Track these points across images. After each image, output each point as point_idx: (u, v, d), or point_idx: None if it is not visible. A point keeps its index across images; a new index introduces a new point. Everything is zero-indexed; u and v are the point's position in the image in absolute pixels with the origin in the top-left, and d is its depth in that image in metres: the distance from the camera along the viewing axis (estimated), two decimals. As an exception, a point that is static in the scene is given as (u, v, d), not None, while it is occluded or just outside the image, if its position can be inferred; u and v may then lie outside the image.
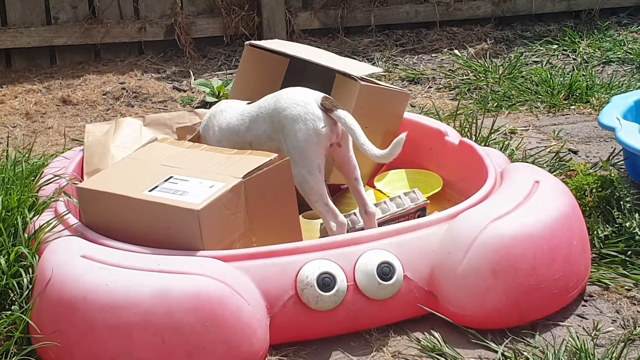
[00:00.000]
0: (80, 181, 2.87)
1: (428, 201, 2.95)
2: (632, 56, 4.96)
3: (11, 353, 2.27)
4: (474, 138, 3.57)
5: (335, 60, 3.28)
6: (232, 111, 2.92)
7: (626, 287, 2.67)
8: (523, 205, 2.55)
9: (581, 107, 4.26)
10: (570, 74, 4.65)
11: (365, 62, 5.07)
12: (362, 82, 2.97)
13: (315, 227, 2.87)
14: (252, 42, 3.18)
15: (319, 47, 5.30)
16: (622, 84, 4.45)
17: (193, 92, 4.71)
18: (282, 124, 2.71)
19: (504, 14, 5.66)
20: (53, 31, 5.10)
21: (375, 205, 2.86)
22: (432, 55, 5.25)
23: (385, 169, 3.29)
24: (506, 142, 3.68)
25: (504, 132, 3.94)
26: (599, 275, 2.72)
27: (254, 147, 2.77)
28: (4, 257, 2.44)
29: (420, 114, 3.90)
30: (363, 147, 2.62)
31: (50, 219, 2.56)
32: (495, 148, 3.37)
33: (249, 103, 2.91)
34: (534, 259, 2.44)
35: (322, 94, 2.73)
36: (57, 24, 5.12)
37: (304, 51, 3.30)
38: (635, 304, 2.59)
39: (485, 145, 3.45)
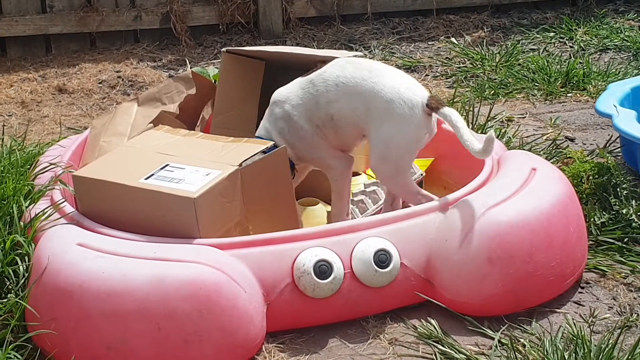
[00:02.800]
0: (76, 169, 2.86)
1: (424, 173, 2.97)
2: (628, 44, 4.95)
3: (7, 341, 2.27)
4: (471, 126, 3.56)
5: (313, 51, 3.29)
6: (292, 94, 2.75)
7: (623, 274, 2.67)
8: (520, 193, 2.55)
9: (578, 95, 4.25)
10: (567, 61, 4.64)
11: (362, 50, 5.06)
12: None
13: (312, 214, 2.87)
14: (229, 48, 3.18)
15: (315, 35, 5.30)
16: (619, 72, 4.44)
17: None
18: (380, 114, 2.60)
19: (501, 1, 5.64)
20: (48, 19, 5.08)
21: (374, 184, 2.87)
22: (429, 43, 5.24)
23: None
24: (503, 130, 3.67)
25: (501, 120, 3.93)
26: (596, 262, 2.72)
27: (336, 123, 2.67)
28: (-1, 245, 2.43)
29: (416, 101, 3.89)
30: (466, 143, 2.50)
31: (46, 207, 2.56)
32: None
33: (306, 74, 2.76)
34: (531, 246, 2.44)
35: (426, 93, 2.63)
36: (53, 13, 5.11)
37: (280, 49, 3.30)
38: (631, 291, 2.60)
39: (482, 132, 3.44)
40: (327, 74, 2.69)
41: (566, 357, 2.23)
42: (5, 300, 2.36)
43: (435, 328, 2.41)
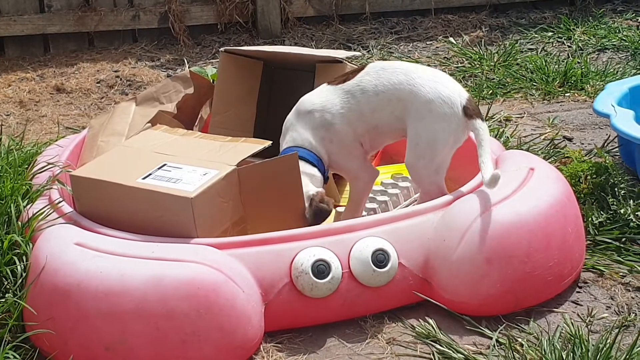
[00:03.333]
0: (74, 169, 2.86)
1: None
2: (626, 43, 4.95)
3: (5, 341, 2.27)
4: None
5: (312, 50, 3.29)
6: (326, 102, 2.72)
7: (620, 274, 2.68)
8: (518, 193, 2.55)
9: (576, 95, 4.26)
10: (565, 61, 4.64)
11: (360, 50, 5.06)
12: (350, 64, 2.98)
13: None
14: (227, 48, 3.18)
15: (313, 35, 5.30)
16: (617, 71, 4.44)
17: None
18: (421, 114, 2.62)
19: (499, 1, 5.65)
20: (46, 19, 5.08)
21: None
22: (427, 43, 5.24)
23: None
24: (501, 130, 3.67)
25: (499, 120, 3.93)
26: (594, 262, 2.72)
27: (380, 130, 2.70)
28: (-3, 245, 2.43)
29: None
30: (481, 165, 2.52)
31: (44, 207, 2.56)
32: (490, 135, 3.37)
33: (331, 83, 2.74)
34: (529, 246, 2.44)
35: (465, 93, 2.65)
36: (51, 12, 5.11)
37: (278, 49, 3.31)
38: (629, 291, 2.60)
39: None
40: (365, 83, 2.68)
41: (564, 356, 2.23)
42: (3, 300, 2.35)
43: (433, 328, 2.41)
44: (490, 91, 4.30)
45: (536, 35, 5.20)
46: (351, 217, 2.74)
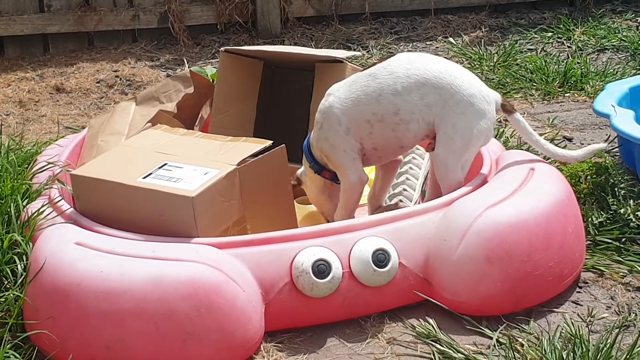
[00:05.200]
0: (74, 169, 2.85)
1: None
2: (626, 44, 4.96)
3: (5, 340, 2.27)
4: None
5: (311, 50, 3.29)
6: (350, 88, 2.65)
7: (621, 274, 2.68)
8: (518, 192, 2.55)
9: (576, 95, 4.26)
10: (565, 61, 4.65)
11: (359, 50, 5.06)
12: (350, 64, 2.98)
13: (310, 212, 2.87)
14: (227, 47, 3.18)
15: (313, 35, 5.30)
16: (617, 72, 4.44)
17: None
18: (461, 108, 2.58)
19: (499, 1, 5.65)
20: (46, 19, 5.08)
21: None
22: (427, 43, 5.24)
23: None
24: (501, 130, 3.67)
25: (499, 120, 3.93)
26: (594, 262, 2.72)
27: (401, 117, 2.60)
28: (-3, 244, 2.43)
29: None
30: (544, 146, 2.71)
31: (44, 206, 2.55)
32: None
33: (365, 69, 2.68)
34: (529, 246, 2.44)
35: (499, 94, 2.68)
36: (50, 12, 5.11)
37: (278, 48, 3.31)
38: (629, 291, 2.60)
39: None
40: (394, 66, 2.61)
41: (564, 356, 2.23)
42: (3, 299, 2.35)
43: (433, 327, 2.41)
44: (490, 91, 4.29)
45: (536, 36, 5.20)
46: (339, 218, 2.73)
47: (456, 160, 2.61)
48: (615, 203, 2.89)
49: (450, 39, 5.20)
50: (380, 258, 2.42)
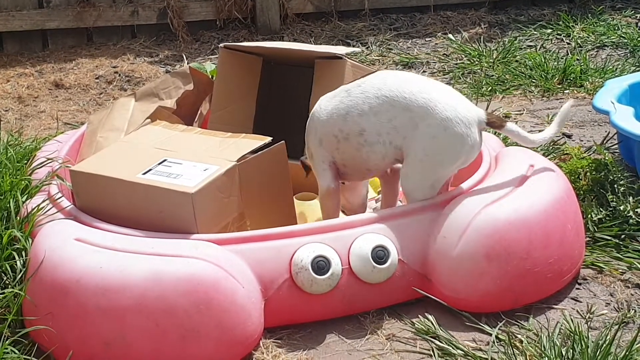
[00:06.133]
0: (73, 164, 2.85)
1: None
2: (625, 40, 4.95)
3: (5, 336, 2.27)
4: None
5: (311, 46, 3.28)
6: (329, 101, 2.63)
7: (620, 270, 2.68)
8: (517, 190, 2.55)
9: (575, 91, 4.26)
10: (565, 58, 4.64)
11: (359, 46, 5.06)
12: (349, 60, 2.97)
13: (309, 209, 2.87)
14: (227, 44, 3.18)
15: (312, 31, 5.30)
16: (616, 68, 4.44)
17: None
18: (433, 132, 2.46)
19: (498, -2, 5.65)
20: (45, 15, 5.07)
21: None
22: (426, 39, 5.24)
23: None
24: (500, 126, 3.67)
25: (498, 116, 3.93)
26: (593, 259, 2.72)
27: (366, 138, 2.53)
28: (-4, 240, 2.43)
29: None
30: (533, 142, 2.62)
31: (43, 202, 2.55)
32: (489, 132, 3.37)
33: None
34: (528, 243, 2.44)
35: (483, 112, 2.53)
36: (49, 8, 5.10)
37: (277, 45, 3.30)
38: (628, 287, 2.60)
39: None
40: (367, 84, 2.55)
41: (563, 353, 2.24)
42: (2, 295, 2.35)
43: (432, 324, 2.41)
44: (489, 88, 4.30)
45: (535, 32, 5.20)
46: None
47: (424, 180, 2.52)
48: (614, 200, 2.89)
49: (450, 36, 5.20)
50: (379, 255, 2.42)
